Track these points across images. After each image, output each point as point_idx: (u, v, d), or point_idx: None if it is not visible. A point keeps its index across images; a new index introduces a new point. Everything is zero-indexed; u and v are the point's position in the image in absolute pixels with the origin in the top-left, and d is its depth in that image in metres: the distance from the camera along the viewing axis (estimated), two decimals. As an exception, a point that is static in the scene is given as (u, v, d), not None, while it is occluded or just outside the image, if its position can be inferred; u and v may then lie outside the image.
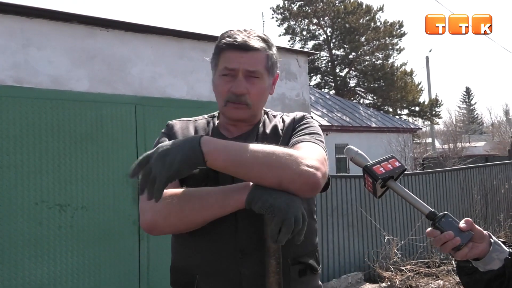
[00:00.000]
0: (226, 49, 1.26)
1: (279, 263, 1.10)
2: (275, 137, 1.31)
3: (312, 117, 1.40)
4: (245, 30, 1.30)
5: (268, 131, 1.33)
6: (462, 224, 1.12)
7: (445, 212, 1.16)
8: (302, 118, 1.36)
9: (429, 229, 1.16)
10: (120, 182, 3.79)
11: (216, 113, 1.43)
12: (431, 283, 5.22)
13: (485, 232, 1.14)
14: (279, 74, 1.40)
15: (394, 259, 5.47)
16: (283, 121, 1.36)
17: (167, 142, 1.07)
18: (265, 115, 1.41)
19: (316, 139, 1.27)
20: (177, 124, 1.38)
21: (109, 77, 3.89)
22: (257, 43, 1.28)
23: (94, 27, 3.85)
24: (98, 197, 3.68)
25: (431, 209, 1.17)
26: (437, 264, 5.67)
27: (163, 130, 1.39)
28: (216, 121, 1.39)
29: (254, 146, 1.09)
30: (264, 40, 1.31)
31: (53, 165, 3.50)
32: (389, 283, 5.18)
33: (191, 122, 1.39)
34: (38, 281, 3.38)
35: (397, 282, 5.13)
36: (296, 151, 1.14)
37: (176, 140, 1.10)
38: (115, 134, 3.80)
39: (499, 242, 1.15)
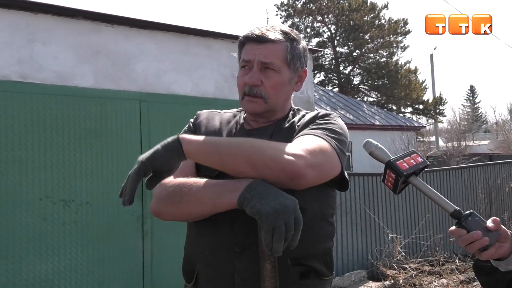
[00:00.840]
0: (245, 42, 1.29)
1: (275, 267, 1.06)
2: (290, 131, 1.27)
3: (338, 117, 1.34)
4: (272, 26, 1.30)
5: (286, 125, 1.30)
6: (489, 223, 1.08)
7: (471, 211, 1.12)
8: (324, 116, 1.30)
9: (453, 227, 1.11)
10: (124, 177, 3.75)
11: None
12: (435, 281, 5.21)
13: (509, 231, 1.11)
14: (306, 71, 1.35)
15: (398, 257, 5.46)
16: (303, 116, 1.32)
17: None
18: (291, 113, 1.36)
19: (327, 135, 1.19)
20: (204, 114, 1.39)
21: (114, 73, 3.89)
22: (273, 35, 1.26)
23: (99, 22, 3.84)
24: (103, 193, 3.68)
25: (456, 207, 1.12)
26: (440, 263, 5.66)
27: (191, 120, 1.41)
28: (243, 116, 1.38)
29: (232, 138, 1.17)
30: (285, 33, 1.29)
31: (57, 160, 3.51)
32: (392, 281, 5.17)
33: (218, 114, 1.40)
34: (43, 276, 3.38)
35: (401, 281, 5.12)
36: (282, 143, 1.10)
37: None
38: (120, 130, 3.80)
39: None
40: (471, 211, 1.12)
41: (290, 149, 1.07)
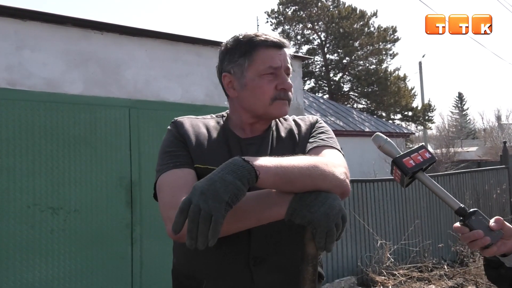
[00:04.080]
0: (261, 47, 1.24)
1: (316, 270, 1.07)
2: (291, 141, 1.30)
3: (322, 121, 1.40)
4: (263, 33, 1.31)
5: (283, 134, 1.32)
6: (492, 223, 1.12)
7: (475, 209, 1.14)
8: (316, 122, 1.37)
9: (457, 224, 1.15)
10: (113, 185, 3.77)
11: (224, 113, 1.38)
12: (424, 287, 5.24)
13: None
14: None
15: (387, 264, 5.49)
16: (297, 124, 1.35)
17: (204, 178, 0.95)
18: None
19: (336, 145, 1.29)
20: (186, 121, 1.31)
21: (103, 80, 3.88)
22: (285, 40, 1.29)
23: (89, 30, 3.84)
24: (91, 201, 3.66)
25: (461, 204, 1.15)
26: (429, 269, 5.69)
27: (169, 128, 1.31)
28: (223, 122, 1.35)
29: (297, 160, 1.05)
30: None
31: (46, 168, 3.48)
32: (382, 287, 5.19)
33: (200, 120, 1.34)
34: (30, 284, 3.35)
35: (390, 287, 5.14)
36: (327, 159, 1.14)
37: (214, 170, 0.98)
38: (109, 137, 3.79)
39: None
40: (476, 209, 1.15)
41: (340, 169, 1.11)
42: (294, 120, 1.37)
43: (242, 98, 1.27)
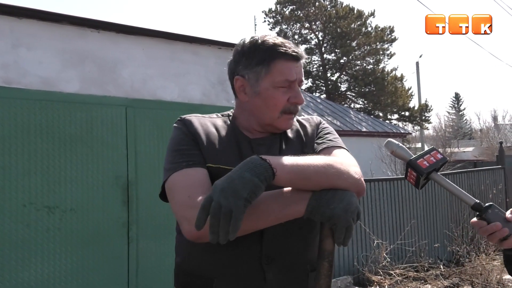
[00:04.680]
0: (279, 58, 1.23)
1: (332, 266, 1.11)
2: (299, 141, 1.32)
3: (325, 122, 1.44)
4: (280, 37, 1.31)
5: (291, 135, 1.34)
6: (508, 214, 1.15)
7: (491, 203, 1.18)
8: (320, 123, 1.41)
9: (474, 219, 1.19)
10: (109, 184, 3.76)
11: (230, 113, 1.38)
12: (420, 287, 5.25)
13: None
14: None
15: (383, 263, 5.50)
16: (302, 125, 1.38)
17: (223, 176, 1.00)
18: None
19: (344, 146, 1.32)
20: (195, 120, 1.30)
21: (100, 78, 3.87)
22: (302, 51, 1.29)
23: (85, 28, 3.83)
24: (87, 199, 3.65)
25: (477, 200, 1.19)
26: (425, 269, 5.70)
27: (177, 125, 1.30)
28: (229, 121, 1.35)
29: (313, 159, 1.10)
30: None
31: (41, 166, 3.47)
32: (378, 287, 5.20)
33: (207, 119, 1.33)
34: (26, 284, 3.33)
35: (386, 286, 5.15)
36: (341, 158, 1.18)
37: (233, 169, 1.02)
38: (105, 136, 3.78)
39: None
40: (491, 203, 1.19)
41: (355, 168, 1.15)
42: (298, 121, 1.39)
43: (252, 104, 1.27)
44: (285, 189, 1.09)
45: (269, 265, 1.18)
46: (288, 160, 1.06)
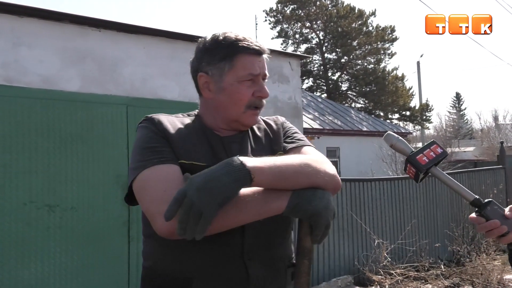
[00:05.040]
0: (242, 53, 1.23)
1: (311, 263, 1.12)
2: (267, 139, 1.33)
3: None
4: (241, 33, 1.30)
5: (259, 133, 1.34)
6: (507, 211, 1.15)
7: (490, 199, 1.18)
8: (284, 122, 1.41)
9: (473, 215, 1.18)
10: (110, 183, 3.76)
11: (195, 112, 1.37)
12: (420, 287, 5.24)
13: None
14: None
15: (384, 263, 5.49)
16: (268, 124, 1.38)
17: (201, 173, 0.99)
18: None
19: (312, 144, 1.33)
20: (163, 118, 1.27)
21: (101, 77, 3.87)
22: (265, 46, 1.30)
23: (86, 27, 3.83)
24: (88, 198, 3.65)
25: (476, 196, 1.18)
26: (426, 268, 5.69)
27: (145, 125, 1.25)
28: (197, 121, 1.32)
29: (290, 159, 1.11)
30: None
31: (42, 165, 3.47)
32: (378, 286, 5.19)
33: (175, 118, 1.31)
34: (26, 282, 3.34)
35: (387, 286, 5.15)
36: (315, 156, 1.20)
37: (211, 167, 1.01)
38: (106, 135, 3.78)
39: None
40: (490, 199, 1.19)
41: (330, 166, 1.18)
42: (264, 120, 1.40)
43: (217, 101, 1.26)
44: (264, 189, 1.09)
45: (251, 261, 1.17)
46: (267, 162, 1.06)
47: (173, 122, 1.27)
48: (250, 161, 1.03)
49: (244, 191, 1.05)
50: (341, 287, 5.23)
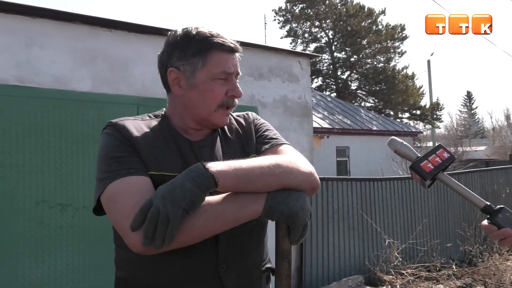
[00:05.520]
0: (216, 49, 1.18)
1: (291, 265, 1.10)
2: (238, 140, 1.28)
3: (258, 116, 1.39)
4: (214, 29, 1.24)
5: (230, 134, 1.28)
6: None
7: (502, 206, 1.14)
8: (255, 118, 1.35)
9: (485, 223, 1.15)
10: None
11: (161, 113, 1.30)
12: (432, 287, 5.21)
13: None
14: None
15: (395, 263, 5.46)
16: (238, 122, 1.32)
17: (168, 182, 0.98)
18: None
19: (286, 141, 1.29)
20: (129, 124, 1.20)
21: (112, 77, 3.89)
22: (238, 44, 1.24)
23: (97, 27, 3.85)
24: (99, 197, 3.67)
25: (487, 202, 1.14)
26: (437, 268, 5.66)
27: (109, 131, 1.19)
28: (164, 122, 1.26)
29: (258, 161, 1.07)
30: None
31: (54, 164, 3.50)
32: (389, 286, 5.17)
33: (141, 122, 1.24)
34: (39, 280, 3.37)
35: (398, 286, 5.12)
36: (289, 157, 1.15)
37: (176, 176, 1.00)
38: (117, 135, 3.80)
39: None
40: (502, 206, 1.14)
41: (305, 164, 1.13)
42: (234, 118, 1.33)
43: (187, 98, 1.20)
44: (239, 194, 1.05)
45: (226, 272, 1.14)
46: (232, 165, 1.03)
47: (139, 127, 1.20)
48: (214, 166, 1.01)
49: (218, 198, 1.03)
50: (351, 287, 5.21)
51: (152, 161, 1.13)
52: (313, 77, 25.73)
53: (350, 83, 26.70)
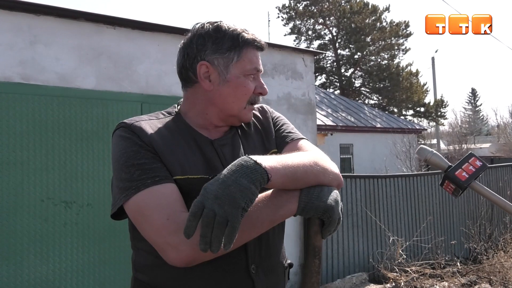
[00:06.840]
0: (250, 46, 1.18)
1: (321, 262, 1.11)
2: (258, 135, 1.27)
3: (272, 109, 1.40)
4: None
5: (248, 130, 1.27)
6: None
7: None
8: (271, 112, 1.36)
9: None
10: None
11: (174, 110, 1.27)
12: (436, 284, 5.19)
13: None
14: None
15: (399, 260, 5.45)
16: (256, 116, 1.31)
17: (213, 180, 0.90)
18: None
19: (301, 135, 1.31)
20: (145, 125, 1.15)
21: (116, 74, 3.89)
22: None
23: (101, 24, 3.85)
24: (104, 195, 3.68)
25: None
26: (442, 266, 5.64)
27: (125, 135, 1.13)
28: (179, 120, 1.22)
29: (299, 158, 1.06)
30: None
31: (59, 162, 3.51)
32: (393, 284, 5.16)
33: (156, 121, 1.20)
34: (44, 277, 3.39)
35: (402, 283, 5.11)
36: (320, 154, 1.17)
37: (224, 171, 0.92)
38: (121, 132, 3.80)
39: None
40: None
41: (333, 164, 1.16)
42: (254, 114, 1.32)
43: (218, 93, 1.17)
44: (271, 191, 1.03)
45: (256, 272, 1.13)
46: (279, 161, 1.00)
47: (156, 128, 1.15)
48: (265, 161, 0.96)
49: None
50: (356, 284, 5.21)
51: (175, 165, 1.09)
52: (317, 74, 25.68)
53: (354, 80, 26.62)
